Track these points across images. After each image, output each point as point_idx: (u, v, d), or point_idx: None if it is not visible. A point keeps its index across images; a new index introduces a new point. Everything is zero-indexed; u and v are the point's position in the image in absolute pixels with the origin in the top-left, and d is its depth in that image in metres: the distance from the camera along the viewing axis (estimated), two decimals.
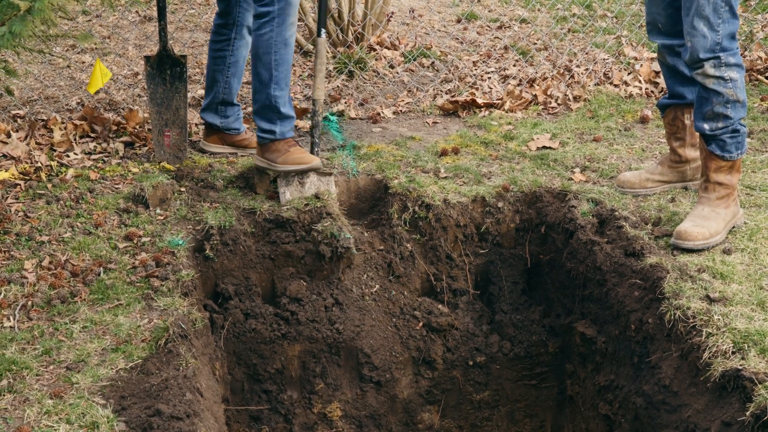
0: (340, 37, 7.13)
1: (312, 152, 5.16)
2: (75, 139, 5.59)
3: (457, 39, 7.67)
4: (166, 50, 5.31)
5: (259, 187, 5.13)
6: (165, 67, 5.31)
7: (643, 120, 6.26)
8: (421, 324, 5.13)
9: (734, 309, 4.03)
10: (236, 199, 5.06)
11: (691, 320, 4.03)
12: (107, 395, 3.59)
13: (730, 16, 4.40)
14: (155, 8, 5.47)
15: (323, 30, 5.14)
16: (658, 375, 4.16)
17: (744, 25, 7.66)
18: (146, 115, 5.41)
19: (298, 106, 6.20)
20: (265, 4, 4.86)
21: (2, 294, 4.20)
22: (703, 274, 4.32)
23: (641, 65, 7.00)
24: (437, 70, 7.08)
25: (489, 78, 6.94)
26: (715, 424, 3.70)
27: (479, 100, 6.45)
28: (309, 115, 5.53)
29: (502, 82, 6.89)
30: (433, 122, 6.28)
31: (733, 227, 4.69)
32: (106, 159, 5.45)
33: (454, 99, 6.49)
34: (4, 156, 5.33)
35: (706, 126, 4.53)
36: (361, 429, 5.18)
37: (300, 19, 7.33)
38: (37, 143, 5.50)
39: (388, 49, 7.29)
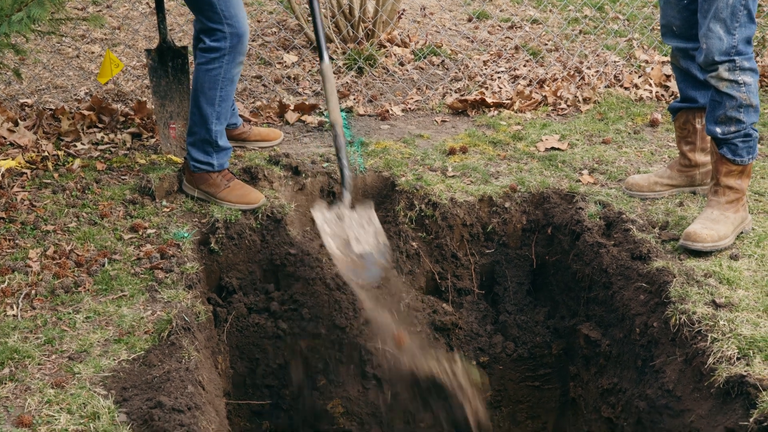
0: (351, 33, 7.11)
1: (342, 179, 4.82)
2: (82, 129, 5.58)
3: (468, 38, 7.64)
4: (166, 42, 5.27)
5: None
6: (166, 60, 5.28)
7: (653, 123, 6.23)
8: (425, 322, 5.11)
9: (740, 315, 4.01)
10: None
11: (696, 325, 4.02)
12: (109, 386, 3.58)
13: (748, 21, 4.36)
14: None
15: (326, 55, 4.84)
16: (661, 379, 4.14)
17: (756, 31, 7.61)
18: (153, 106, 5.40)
19: (306, 102, 6.20)
20: (216, 39, 4.70)
21: (6, 282, 4.19)
22: (710, 279, 4.30)
23: (652, 68, 6.97)
24: (447, 69, 7.06)
25: (499, 78, 6.92)
26: (718, 429, 3.68)
27: (489, 100, 6.43)
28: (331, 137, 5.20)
29: (512, 82, 6.87)
30: (441, 121, 6.26)
31: (741, 233, 4.67)
32: (113, 150, 5.44)
33: (463, 98, 6.46)
34: (11, 144, 5.32)
35: (718, 130, 4.50)
36: (362, 426, 5.16)
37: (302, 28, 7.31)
38: (44, 132, 5.50)
39: (399, 46, 7.27)
